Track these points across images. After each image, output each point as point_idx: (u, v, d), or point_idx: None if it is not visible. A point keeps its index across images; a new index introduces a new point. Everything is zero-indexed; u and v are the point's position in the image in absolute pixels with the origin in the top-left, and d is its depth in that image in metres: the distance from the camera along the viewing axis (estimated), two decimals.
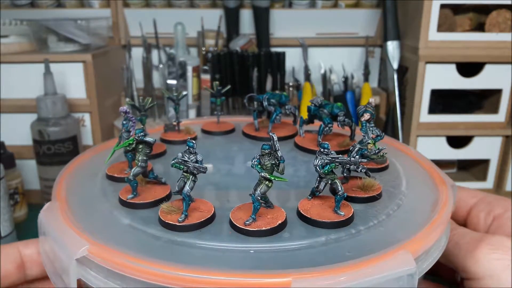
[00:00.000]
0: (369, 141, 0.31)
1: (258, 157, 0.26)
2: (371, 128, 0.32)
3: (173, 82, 0.80)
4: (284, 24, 0.90)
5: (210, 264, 0.23)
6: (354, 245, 0.25)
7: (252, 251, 0.24)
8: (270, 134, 0.26)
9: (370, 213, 0.28)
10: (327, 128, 0.38)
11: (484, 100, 0.81)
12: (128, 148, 0.30)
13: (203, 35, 0.85)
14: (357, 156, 0.30)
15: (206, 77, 0.81)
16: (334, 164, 0.26)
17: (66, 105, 0.70)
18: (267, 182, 0.26)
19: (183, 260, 0.23)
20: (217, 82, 0.46)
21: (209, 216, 0.27)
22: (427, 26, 0.73)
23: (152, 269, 0.22)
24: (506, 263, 0.28)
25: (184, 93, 0.44)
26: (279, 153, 0.26)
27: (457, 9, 0.77)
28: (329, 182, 0.27)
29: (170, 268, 0.22)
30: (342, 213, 0.26)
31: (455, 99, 0.80)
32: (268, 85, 0.81)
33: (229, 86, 0.46)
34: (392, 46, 0.82)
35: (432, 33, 0.74)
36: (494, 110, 0.77)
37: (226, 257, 0.24)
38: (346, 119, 0.38)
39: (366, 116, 0.32)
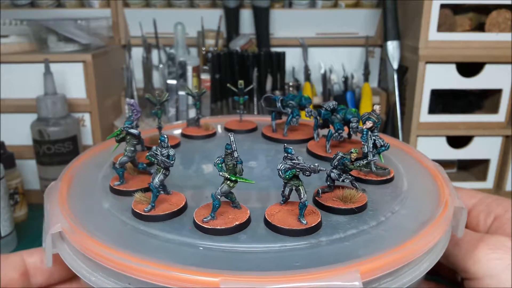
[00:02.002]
0: (352, 150, 0.28)
1: (223, 156, 0.26)
2: (373, 137, 0.30)
3: (173, 82, 0.80)
4: (284, 24, 0.90)
5: (159, 255, 0.23)
6: (307, 256, 0.23)
7: (201, 248, 0.24)
8: (229, 134, 0.26)
9: (342, 225, 0.26)
10: (336, 134, 0.36)
11: (484, 100, 0.81)
12: (117, 138, 0.32)
13: (203, 35, 0.85)
14: (336, 166, 0.28)
15: (206, 77, 0.81)
16: (294, 170, 0.26)
17: (66, 105, 0.70)
18: (228, 181, 0.26)
19: (137, 248, 0.24)
20: (241, 81, 0.46)
21: (176, 209, 0.28)
22: (427, 26, 0.73)
23: (104, 252, 0.24)
24: (506, 263, 0.28)
25: (204, 90, 0.45)
26: (236, 154, 0.26)
27: (457, 9, 0.77)
28: (293, 188, 0.26)
29: (119, 253, 0.23)
30: (304, 222, 0.25)
31: (455, 99, 0.80)
32: (268, 85, 0.81)
33: (252, 85, 0.47)
34: (392, 46, 0.82)
35: (432, 33, 0.74)
36: (494, 110, 0.77)
37: (176, 250, 0.24)
38: (359, 126, 0.35)
39: (369, 124, 0.30)
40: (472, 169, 0.86)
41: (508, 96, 0.76)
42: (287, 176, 0.26)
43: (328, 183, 0.29)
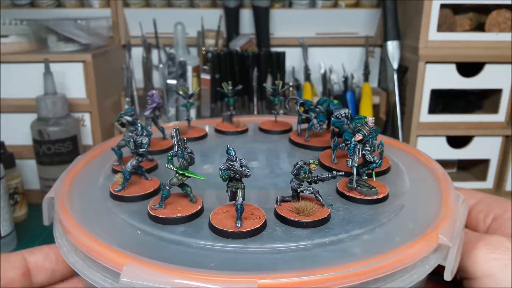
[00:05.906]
0: (311, 160, 0.26)
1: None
2: (362, 152, 0.28)
3: (173, 82, 0.80)
4: (284, 24, 0.90)
5: (102, 230, 0.26)
6: (227, 259, 0.23)
7: (139, 232, 0.26)
8: (172, 129, 0.27)
9: (283, 237, 0.25)
10: (343, 144, 0.32)
11: (484, 100, 0.81)
12: (118, 123, 0.35)
13: (203, 35, 0.85)
14: (295, 175, 0.27)
15: (206, 77, 0.81)
16: (229, 172, 0.25)
17: (66, 105, 0.70)
18: (177, 174, 0.27)
19: (91, 220, 0.27)
20: (279, 81, 0.46)
21: (141, 194, 0.29)
22: (427, 26, 0.73)
23: (63, 218, 0.27)
24: (504, 263, 0.28)
25: (240, 87, 0.46)
26: (176, 148, 0.27)
27: (457, 9, 0.77)
28: (233, 190, 0.26)
29: (72, 222, 0.26)
30: (238, 225, 0.25)
31: (455, 99, 0.80)
32: (268, 85, 0.81)
33: (286, 87, 0.46)
34: (392, 46, 0.82)
35: (432, 33, 0.74)
36: (494, 110, 0.77)
37: (119, 230, 0.26)
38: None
39: (358, 136, 0.28)
40: (472, 169, 0.86)
41: (508, 96, 0.76)
42: (223, 177, 0.26)
43: (292, 192, 0.28)
